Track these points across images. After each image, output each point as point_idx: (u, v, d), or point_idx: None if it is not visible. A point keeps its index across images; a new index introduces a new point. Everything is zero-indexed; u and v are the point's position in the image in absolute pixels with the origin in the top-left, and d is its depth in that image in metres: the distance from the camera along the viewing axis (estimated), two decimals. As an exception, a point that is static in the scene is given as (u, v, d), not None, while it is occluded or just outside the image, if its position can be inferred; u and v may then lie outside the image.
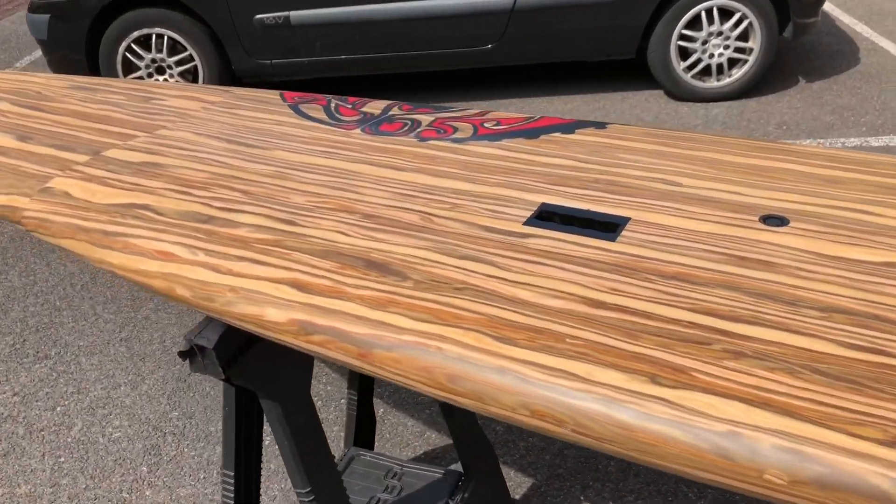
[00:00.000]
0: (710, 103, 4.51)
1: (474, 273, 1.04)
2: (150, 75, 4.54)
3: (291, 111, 1.58)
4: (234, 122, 1.54)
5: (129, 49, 4.45)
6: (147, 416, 2.45)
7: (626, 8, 4.26)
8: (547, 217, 1.15)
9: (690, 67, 4.44)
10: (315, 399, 2.49)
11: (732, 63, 4.46)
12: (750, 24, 4.30)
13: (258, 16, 4.30)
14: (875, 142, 3.93)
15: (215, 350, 1.13)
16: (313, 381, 2.56)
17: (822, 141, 3.98)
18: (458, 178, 1.28)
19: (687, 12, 4.27)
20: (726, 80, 4.46)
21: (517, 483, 2.13)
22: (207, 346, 1.12)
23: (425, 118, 1.53)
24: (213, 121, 1.56)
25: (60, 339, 2.83)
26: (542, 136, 1.40)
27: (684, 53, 4.43)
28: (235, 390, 1.27)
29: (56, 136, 1.52)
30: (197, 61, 4.46)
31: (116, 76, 4.59)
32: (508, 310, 0.97)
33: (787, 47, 5.28)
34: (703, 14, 4.28)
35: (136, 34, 4.40)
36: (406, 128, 1.48)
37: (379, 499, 1.77)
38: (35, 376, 2.65)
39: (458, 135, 1.44)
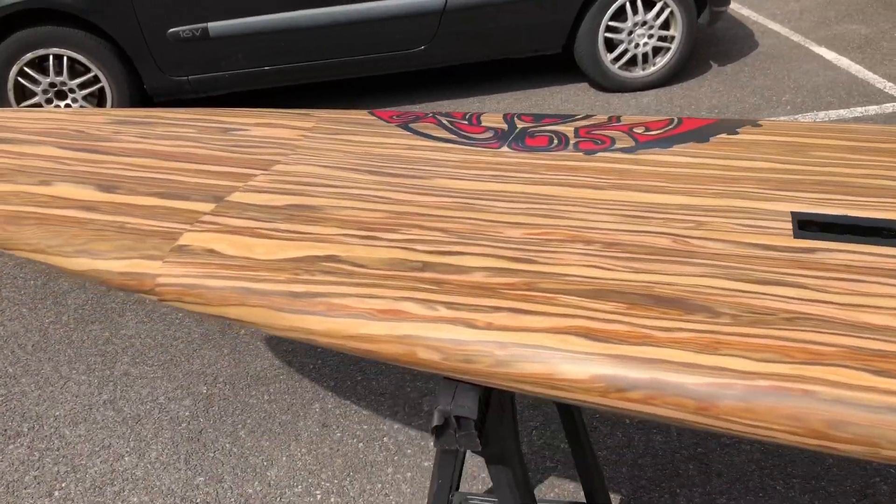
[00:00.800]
0: (639, 92, 4.59)
1: (790, 299, 0.94)
2: (48, 101, 4.07)
3: (408, 132, 1.41)
4: (356, 150, 1.35)
5: (21, 73, 3.96)
6: (168, 486, 2.16)
7: (555, 3, 4.26)
8: (805, 226, 1.06)
9: (617, 59, 4.50)
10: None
11: (656, 52, 4.56)
12: (671, 12, 4.41)
13: (173, 29, 3.95)
14: (803, 118, 4.13)
15: (475, 419, 0.96)
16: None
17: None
18: (671, 191, 1.17)
19: (613, 4, 4.32)
20: (651, 69, 4.56)
21: (605, 501, 2.04)
22: (469, 416, 0.95)
23: (565, 129, 1.40)
24: (330, 150, 1.35)
25: (29, 412, 2.46)
26: (712, 139, 1.32)
27: (609, 45, 4.49)
28: (455, 458, 1.09)
29: (147, 182, 1.27)
30: (103, 83, 4.04)
31: (8, 105, 4.08)
32: (865, 338, 0.87)
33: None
34: (628, 4, 4.35)
35: (29, 56, 3.93)
36: (555, 142, 1.35)
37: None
38: (13, 459, 2.28)
39: (620, 144, 1.32)
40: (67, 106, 4.10)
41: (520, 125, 1.43)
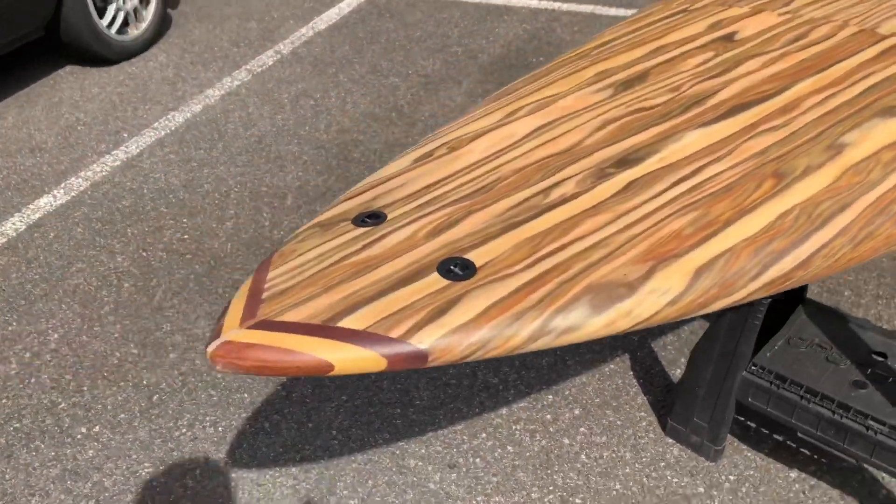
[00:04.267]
0: (146, 54, 3.79)
1: None
2: None
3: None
4: None
5: None
6: None
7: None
8: None
9: (110, 25, 3.62)
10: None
11: (142, 4, 3.80)
12: (140, -45, 3.69)
13: None
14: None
15: None
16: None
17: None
18: None
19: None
20: (145, 24, 3.80)
21: None
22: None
23: None
24: None
25: None
26: None
27: (99, 13, 3.57)
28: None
29: None
30: None
31: None
32: None
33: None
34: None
35: None
36: None
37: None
38: None
39: None
40: None
41: None
